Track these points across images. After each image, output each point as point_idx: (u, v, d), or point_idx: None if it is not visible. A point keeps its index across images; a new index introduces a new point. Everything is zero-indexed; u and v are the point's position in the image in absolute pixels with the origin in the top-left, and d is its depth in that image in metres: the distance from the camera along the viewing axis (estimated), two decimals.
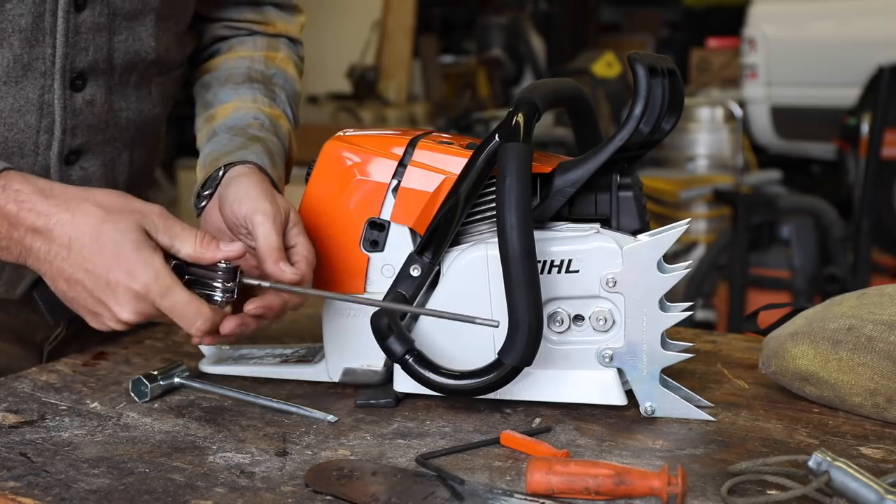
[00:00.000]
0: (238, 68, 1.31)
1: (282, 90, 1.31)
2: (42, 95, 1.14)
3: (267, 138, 1.21)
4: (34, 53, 1.12)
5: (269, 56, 1.33)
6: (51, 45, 1.12)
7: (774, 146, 6.53)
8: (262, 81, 1.29)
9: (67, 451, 0.96)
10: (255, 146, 1.18)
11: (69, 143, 1.17)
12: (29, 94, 1.13)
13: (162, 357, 1.25)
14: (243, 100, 1.26)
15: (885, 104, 4.14)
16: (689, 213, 4.71)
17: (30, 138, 1.15)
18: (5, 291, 1.21)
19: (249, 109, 1.25)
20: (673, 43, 11.01)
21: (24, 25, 1.10)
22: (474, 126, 5.51)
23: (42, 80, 1.13)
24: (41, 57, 1.12)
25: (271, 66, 1.32)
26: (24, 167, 1.15)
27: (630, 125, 1.02)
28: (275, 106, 1.28)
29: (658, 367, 1.03)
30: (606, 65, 5.77)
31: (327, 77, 7.32)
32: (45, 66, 1.13)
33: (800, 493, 0.80)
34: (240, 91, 1.27)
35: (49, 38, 1.12)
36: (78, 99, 1.16)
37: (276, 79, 1.31)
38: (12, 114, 1.13)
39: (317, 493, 0.86)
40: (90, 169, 1.21)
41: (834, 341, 1.05)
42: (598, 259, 1.02)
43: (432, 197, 1.07)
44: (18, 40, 1.10)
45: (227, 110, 1.25)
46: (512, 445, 0.96)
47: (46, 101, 1.14)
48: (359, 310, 1.10)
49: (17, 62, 1.11)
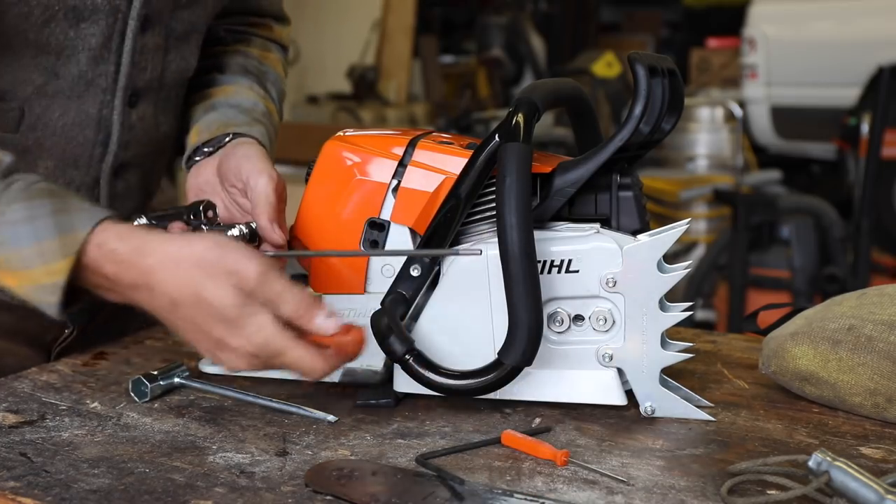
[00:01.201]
0: (234, 59, 1.36)
1: (273, 86, 1.36)
2: (101, 111, 1.18)
3: (268, 126, 1.27)
4: (98, 71, 1.15)
5: (263, 55, 1.39)
6: (114, 63, 1.16)
7: (774, 146, 6.52)
8: (257, 75, 1.34)
9: (67, 451, 0.96)
10: (259, 128, 1.24)
11: (121, 157, 1.22)
12: (89, 108, 1.17)
13: (162, 357, 1.25)
14: (240, 85, 1.31)
15: (885, 104, 4.14)
16: (689, 213, 4.71)
17: (86, 151, 1.19)
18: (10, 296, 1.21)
19: (249, 95, 1.30)
20: (673, 43, 11.01)
21: (94, 45, 1.13)
22: (474, 126, 5.51)
23: (102, 96, 1.17)
24: (104, 74, 1.16)
25: (264, 63, 1.38)
26: (76, 178, 1.19)
27: (630, 125, 1.02)
28: (269, 100, 1.33)
29: (658, 367, 1.03)
30: (606, 65, 5.77)
31: (327, 77, 7.32)
32: (106, 82, 1.17)
33: (800, 493, 0.80)
34: (236, 78, 1.32)
35: (114, 56, 1.16)
36: (133, 115, 1.21)
37: (269, 75, 1.37)
38: (73, 127, 1.17)
39: (317, 493, 0.86)
40: (132, 180, 1.26)
41: (834, 341, 1.05)
42: (598, 259, 1.02)
43: (432, 197, 1.07)
44: (86, 58, 1.14)
45: (227, 91, 1.30)
46: (512, 445, 0.96)
47: (105, 117, 1.18)
48: (358, 310, 1.10)
49: (81, 78, 1.15)
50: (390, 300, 1.06)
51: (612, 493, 0.86)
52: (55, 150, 1.17)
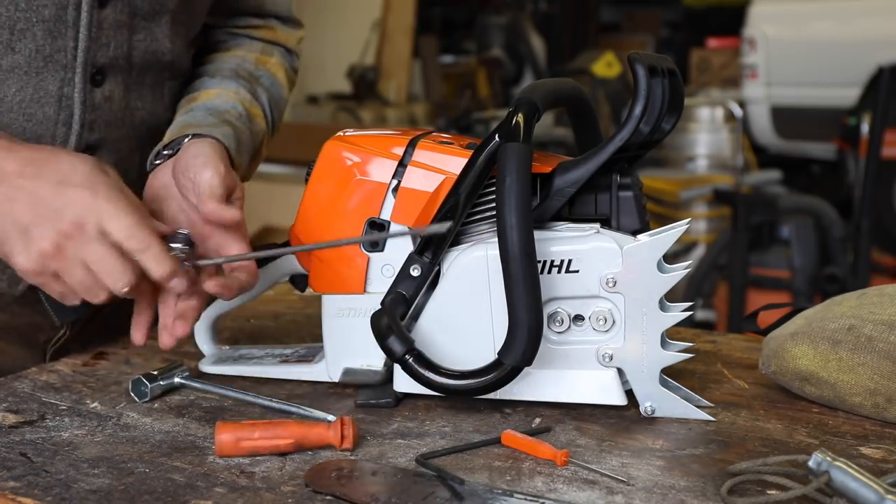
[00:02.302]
0: (227, 64, 1.33)
1: (265, 91, 1.33)
2: (62, 88, 1.16)
3: (240, 128, 1.22)
4: (56, 45, 1.14)
5: (261, 59, 1.36)
6: (73, 38, 1.14)
7: (774, 146, 6.53)
8: (248, 79, 1.32)
9: (67, 451, 0.96)
10: (225, 128, 1.19)
11: (86, 138, 1.19)
12: (49, 85, 1.15)
13: (162, 357, 1.25)
14: (226, 89, 1.28)
15: (885, 104, 4.14)
16: (689, 213, 4.71)
17: (48, 130, 1.16)
18: (7, 287, 1.21)
19: (230, 98, 1.27)
20: (673, 43, 11.01)
21: (48, 16, 1.12)
22: (474, 126, 5.52)
23: (62, 73, 1.15)
24: (63, 49, 1.14)
25: (261, 68, 1.35)
26: None
27: (630, 125, 1.02)
28: (255, 104, 1.29)
29: (658, 367, 1.03)
30: (606, 65, 5.77)
31: (327, 77, 7.32)
32: (66, 59, 1.15)
33: (800, 493, 0.80)
34: (224, 82, 1.29)
35: (72, 31, 1.14)
36: (97, 94, 1.18)
37: (263, 80, 1.34)
38: (32, 104, 1.15)
39: (317, 493, 0.86)
40: None
41: (834, 341, 1.05)
42: (598, 259, 1.02)
43: (432, 197, 1.07)
44: (41, 31, 1.12)
45: (209, 95, 1.27)
46: (513, 445, 0.96)
47: (66, 94, 1.16)
48: (358, 310, 1.10)
49: (38, 53, 1.13)
50: (390, 300, 1.06)
51: (612, 493, 0.86)
52: (14, 127, 1.14)
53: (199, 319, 1.20)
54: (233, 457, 0.94)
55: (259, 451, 0.94)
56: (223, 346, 1.25)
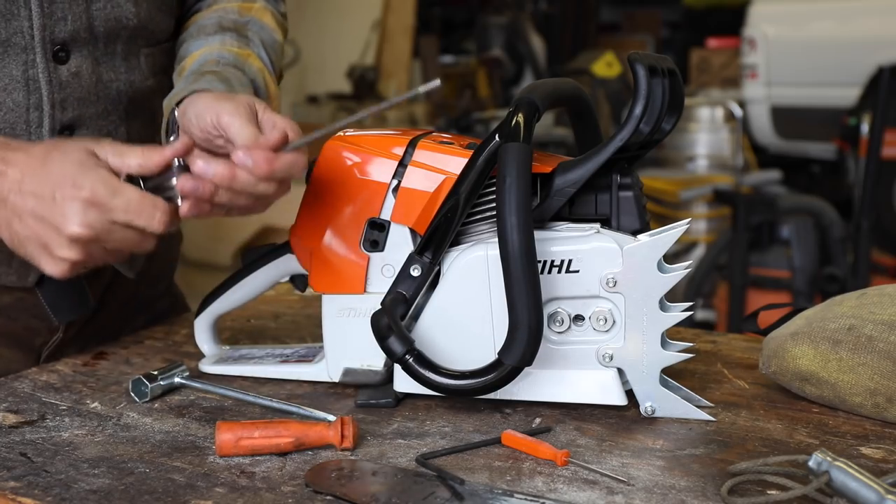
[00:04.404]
0: (209, 20, 1.28)
1: (256, 35, 1.27)
2: (26, 71, 1.13)
3: (223, 70, 1.17)
4: (11, 28, 1.11)
5: (244, 7, 1.30)
6: (27, 17, 1.12)
7: (774, 146, 6.53)
8: (234, 29, 1.26)
9: (67, 451, 0.96)
10: (205, 78, 1.13)
11: (60, 119, 1.16)
12: (13, 71, 1.13)
13: (162, 357, 1.25)
14: (209, 46, 1.23)
15: (885, 104, 4.14)
16: (689, 213, 4.71)
17: (20, 117, 1.14)
18: (17, 280, 1.20)
19: (213, 51, 1.21)
20: (673, 43, 11.02)
21: None
22: (474, 126, 5.52)
23: (24, 56, 1.13)
24: (20, 31, 1.12)
25: (245, 14, 1.29)
26: None
27: (630, 125, 1.02)
28: (245, 48, 1.23)
29: (658, 367, 1.03)
30: (606, 65, 5.78)
31: (327, 77, 7.32)
32: (24, 40, 1.12)
33: (800, 493, 0.80)
34: (208, 40, 1.24)
35: (24, 10, 1.11)
36: (63, 71, 1.15)
37: (251, 26, 1.28)
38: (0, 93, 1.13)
39: (317, 493, 0.87)
40: None
41: (834, 341, 1.05)
42: (598, 259, 1.02)
43: (432, 197, 1.07)
44: None
45: (194, 58, 1.22)
46: (513, 445, 0.96)
47: (31, 77, 1.13)
48: (358, 310, 1.10)
49: None
50: (390, 300, 1.06)
51: (613, 493, 0.86)
52: None
53: (200, 318, 1.20)
54: (233, 457, 0.94)
55: (259, 451, 0.94)
56: (223, 346, 1.25)
